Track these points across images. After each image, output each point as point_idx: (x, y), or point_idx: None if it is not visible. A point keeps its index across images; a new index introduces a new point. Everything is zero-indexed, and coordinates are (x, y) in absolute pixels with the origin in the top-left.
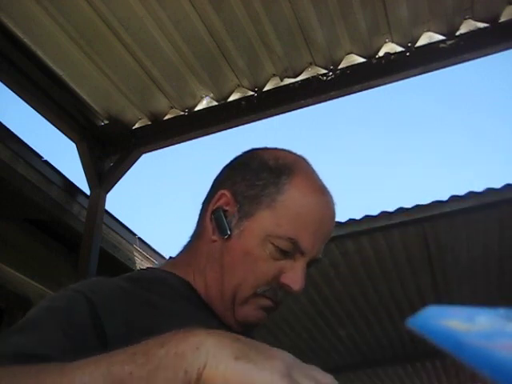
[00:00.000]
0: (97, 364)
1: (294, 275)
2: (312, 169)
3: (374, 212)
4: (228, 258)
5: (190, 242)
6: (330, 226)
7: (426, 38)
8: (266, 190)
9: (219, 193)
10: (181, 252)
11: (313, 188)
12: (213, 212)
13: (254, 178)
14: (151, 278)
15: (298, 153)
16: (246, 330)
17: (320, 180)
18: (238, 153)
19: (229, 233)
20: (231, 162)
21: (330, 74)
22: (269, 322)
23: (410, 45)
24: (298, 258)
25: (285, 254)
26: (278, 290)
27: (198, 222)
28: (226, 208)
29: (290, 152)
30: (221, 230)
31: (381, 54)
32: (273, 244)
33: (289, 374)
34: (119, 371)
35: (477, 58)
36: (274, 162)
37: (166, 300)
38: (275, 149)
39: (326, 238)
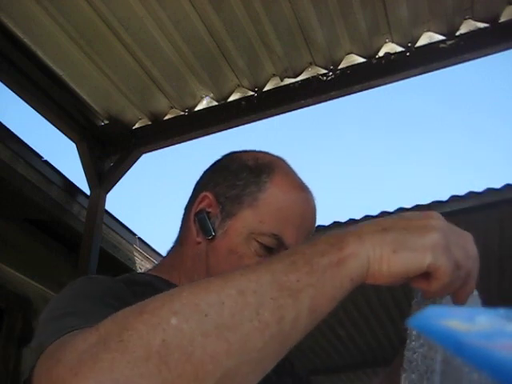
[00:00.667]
0: (258, 272)
1: None
2: (291, 168)
3: (374, 212)
4: (213, 259)
5: (173, 247)
6: (312, 221)
7: (426, 37)
8: (247, 189)
9: (201, 195)
10: (165, 257)
11: (293, 185)
12: (196, 214)
13: (235, 179)
14: (140, 282)
15: (277, 154)
16: None
17: (299, 178)
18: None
19: (213, 233)
20: (211, 165)
21: (330, 73)
22: None
23: (409, 45)
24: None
25: (269, 250)
26: None
27: (181, 226)
28: (209, 210)
29: (268, 153)
30: (205, 231)
31: (381, 54)
32: (257, 241)
33: (446, 244)
34: (285, 279)
35: (477, 58)
36: (253, 162)
37: None
38: (254, 150)
39: (309, 233)
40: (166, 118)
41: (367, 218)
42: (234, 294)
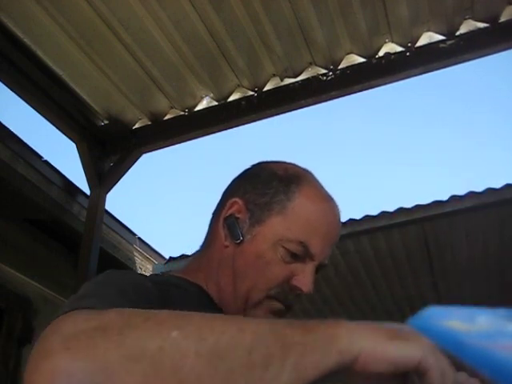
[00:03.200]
0: (260, 320)
1: (304, 278)
2: (317, 180)
3: (374, 212)
4: (240, 262)
5: (200, 251)
6: (337, 232)
7: (426, 37)
8: (277, 197)
9: (231, 201)
10: (191, 260)
11: (320, 196)
12: (225, 219)
13: (265, 187)
14: (166, 282)
15: (304, 166)
16: None
17: (325, 190)
18: (243, 159)
19: (241, 238)
20: (241, 173)
21: (330, 73)
22: None
23: (409, 45)
24: (308, 262)
25: (295, 257)
26: (289, 292)
27: (209, 231)
28: (238, 216)
29: (296, 165)
30: (233, 235)
31: (381, 53)
32: (284, 248)
33: (435, 352)
34: (282, 332)
35: (477, 58)
36: (283, 172)
37: (184, 304)
38: (282, 161)
39: (333, 243)
40: (166, 118)
41: (367, 217)
42: (234, 329)
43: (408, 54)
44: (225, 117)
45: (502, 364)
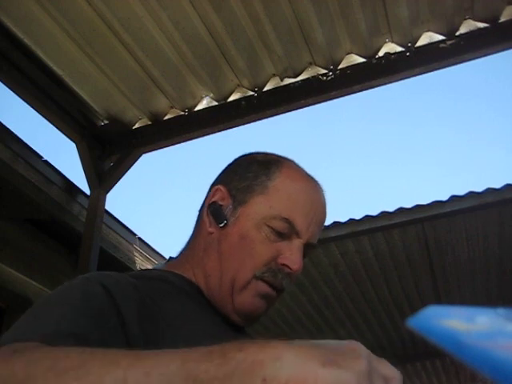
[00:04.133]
0: (172, 356)
1: (292, 255)
2: (299, 165)
3: (374, 212)
4: (225, 245)
5: (188, 243)
6: (322, 211)
7: (426, 38)
8: (258, 179)
9: (214, 188)
10: (180, 253)
11: (302, 175)
12: (209, 206)
13: (246, 172)
14: (152, 277)
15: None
16: (247, 322)
17: (307, 172)
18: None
19: (225, 221)
20: (225, 167)
21: (330, 74)
22: (268, 322)
23: (409, 45)
24: (294, 239)
25: (281, 235)
26: (278, 272)
27: (196, 222)
28: (222, 203)
29: (277, 153)
30: (217, 220)
31: (381, 53)
32: (268, 226)
33: (370, 373)
34: (194, 368)
35: (477, 57)
36: (262, 157)
37: (168, 297)
38: (263, 151)
39: (320, 223)
40: (166, 117)
41: (367, 217)
42: (140, 374)
43: (408, 54)
44: (225, 117)
45: (502, 364)
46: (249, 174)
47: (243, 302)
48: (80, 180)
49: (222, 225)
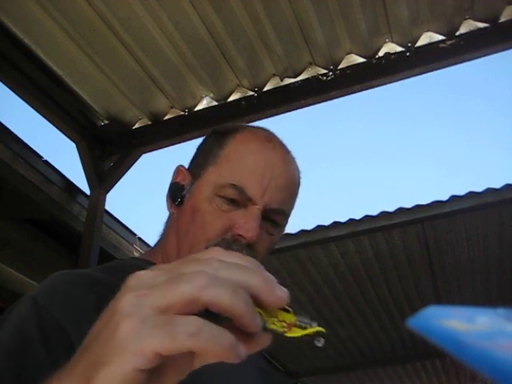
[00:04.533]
0: None
1: (246, 223)
2: (263, 128)
3: (374, 212)
4: (181, 223)
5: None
6: (282, 172)
7: (426, 38)
8: (212, 151)
9: (175, 169)
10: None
11: (256, 137)
12: (169, 188)
13: (203, 146)
14: (129, 267)
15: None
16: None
17: (269, 133)
18: None
19: (179, 199)
20: None
21: (330, 74)
22: None
23: (409, 45)
24: (250, 207)
25: (234, 204)
26: (232, 243)
27: None
28: (183, 182)
29: (245, 123)
30: (174, 199)
31: (381, 53)
32: (219, 196)
33: (138, 324)
34: None
35: (477, 57)
36: (222, 128)
37: None
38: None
39: (282, 186)
40: (166, 117)
41: (367, 217)
42: None
43: (408, 54)
44: (225, 117)
45: (502, 364)
46: (205, 147)
47: None
48: (80, 180)
49: (177, 203)
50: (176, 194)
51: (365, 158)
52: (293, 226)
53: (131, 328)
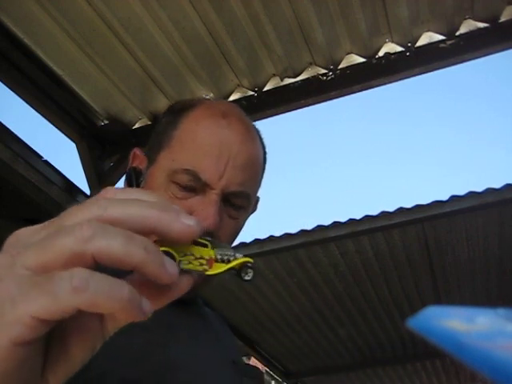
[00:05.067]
0: None
1: (203, 210)
2: (221, 101)
3: (374, 212)
4: None
5: None
6: (239, 150)
7: (426, 38)
8: (166, 132)
9: (131, 153)
10: None
11: (210, 113)
12: (125, 173)
13: (158, 126)
14: None
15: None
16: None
17: (227, 107)
18: None
19: (136, 186)
20: None
21: (330, 73)
22: (268, 321)
23: (409, 45)
24: (208, 192)
25: (189, 190)
26: None
27: None
28: (141, 166)
29: (206, 97)
30: (131, 186)
31: (381, 53)
32: (174, 182)
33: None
34: None
35: (477, 58)
36: (178, 105)
37: None
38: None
39: (242, 165)
40: None
41: (367, 217)
42: None
43: (408, 53)
44: None
45: (502, 364)
46: (159, 128)
47: None
48: (80, 180)
49: None
50: (132, 181)
51: (365, 158)
52: (293, 225)
53: (4, 293)
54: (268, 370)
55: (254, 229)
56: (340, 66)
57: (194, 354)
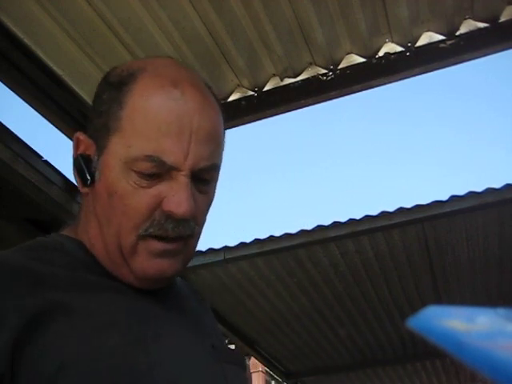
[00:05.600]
0: None
1: (174, 196)
2: (164, 62)
3: (374, 212)
4: (98, 208)
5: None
6: (200, 122)
7: (426, 38)
8: (111, 111)
9: (74, 138)
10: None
11: (158, 84)
12: (74, 162)
13: (99, 104)
14: (48, 246)
15: (164, 57)
16: (161, 285)
17: (174, 71)
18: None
19: (88, 178)
20: None
21: (330, 73)
22: (268, 322)
23: (409, 45)
24: (176, 175)
25: (155, 177)
26: (165, 222)
27: None
28: (89, 153)
29: (146, 58)
30: (83, 179)
31: (381, 53)
32: (134, 171)
33: None
34: None
35: (477, 57)
36: (117, 76)
37: (62, 270)
38: (134, 60)
39: (206, 138)
40: None
41: (367, 217)
42: None
43: (408, 53)
44: (225, 117)
45: (502, 364)
46: (103, 106)
47: (141, 267)
48: None
49: (88, 184)
50: (82, 172)
51: (365, 157)
52: (293, 225)
53: None
54: (268, 369)
55: (254, 229)
56: (340, 66)
57: (172, 348)
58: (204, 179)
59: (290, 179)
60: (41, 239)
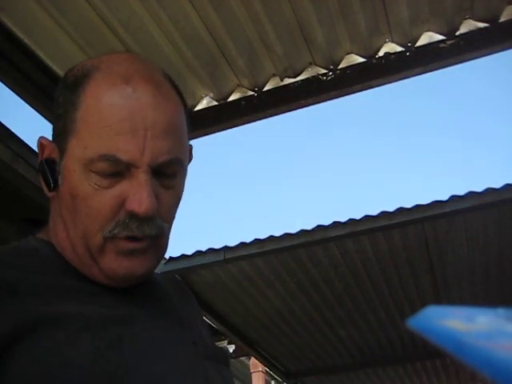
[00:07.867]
0: None
1: (135, 195)
2: (118, 58)
3: (374, 212)
4: (64, 211)
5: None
6: (155, 117)
7: (426, 38)
8: (67, 113)
9: (37, 143)
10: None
11: (110, 83)
12: (38, 167)
13: (57, 107)
14: (21, 253)
15: (120, 53)
16: (133, 283)
17: (127, 67)
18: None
19: (51, 183)
20: None
21: (330, 73)
22: (268, 322)
23: (409, 45)
24: (135, 172)
25: (114, 176)
26: (130, 222)
27: None
28: (54, 156)
29: (102, 54)
30: (47, 184)
31: (381, 53)
32: (93, 171)
33: None
34: None
35: (477, 57)
36: (72, 76)
37: (37, 276)
38: (90, 59)
39: (163, 131)
40: None
41: (367, 217)
42: None
43: (408, 53)
44: (225, 117)
45: (502, 364)
46: (60, 109)
47: (110, 267)
48: None
49: (52, 189)
50: (45, 177)
51: (365, 157)
52: (293, 225)
53: None
54: (268, 369)
55: (254, 229)
56: (340, 66)
57: (150, 349)
58: (167, 174)
59: (289, 179)
60: (15, 244)
